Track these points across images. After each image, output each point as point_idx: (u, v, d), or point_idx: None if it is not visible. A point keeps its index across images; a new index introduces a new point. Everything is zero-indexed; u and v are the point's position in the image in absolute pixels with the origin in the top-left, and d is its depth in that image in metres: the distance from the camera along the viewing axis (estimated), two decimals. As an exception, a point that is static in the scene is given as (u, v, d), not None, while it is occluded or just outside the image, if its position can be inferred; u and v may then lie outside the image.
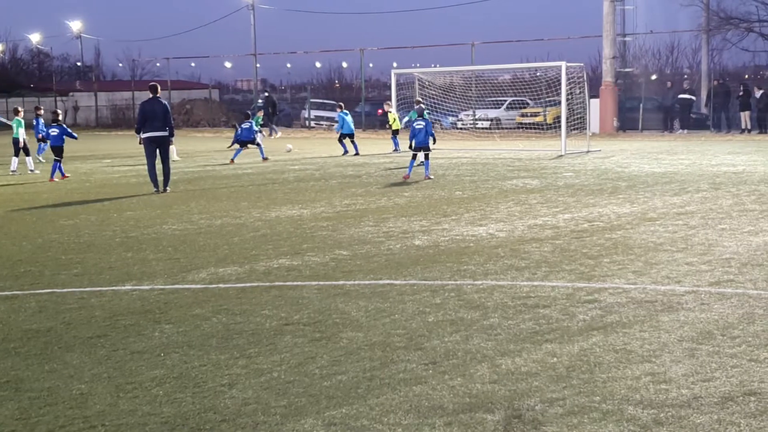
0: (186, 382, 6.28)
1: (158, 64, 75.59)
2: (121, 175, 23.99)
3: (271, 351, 7.01)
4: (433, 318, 7.93)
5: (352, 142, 30.85)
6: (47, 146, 26.10)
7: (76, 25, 75.29)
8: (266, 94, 50.26)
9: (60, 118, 24.04)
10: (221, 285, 9.54)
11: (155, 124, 19.28)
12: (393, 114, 32.24)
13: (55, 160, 22.95)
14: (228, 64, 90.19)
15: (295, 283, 9.58)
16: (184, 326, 7.81)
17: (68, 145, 23.82)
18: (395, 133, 32.00)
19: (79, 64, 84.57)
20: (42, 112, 28.55)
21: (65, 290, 9.37)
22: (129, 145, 34.04)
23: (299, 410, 5.69)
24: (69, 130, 23.90)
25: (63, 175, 22.96)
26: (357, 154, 30.15)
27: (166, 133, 19.43)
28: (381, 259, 10.86)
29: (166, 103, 20.15)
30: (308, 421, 5.50)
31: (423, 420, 5.46)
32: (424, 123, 21.55)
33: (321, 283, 9.55)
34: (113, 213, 15.75)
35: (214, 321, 7.98)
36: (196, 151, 34.69)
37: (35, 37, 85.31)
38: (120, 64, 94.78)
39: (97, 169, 25.99)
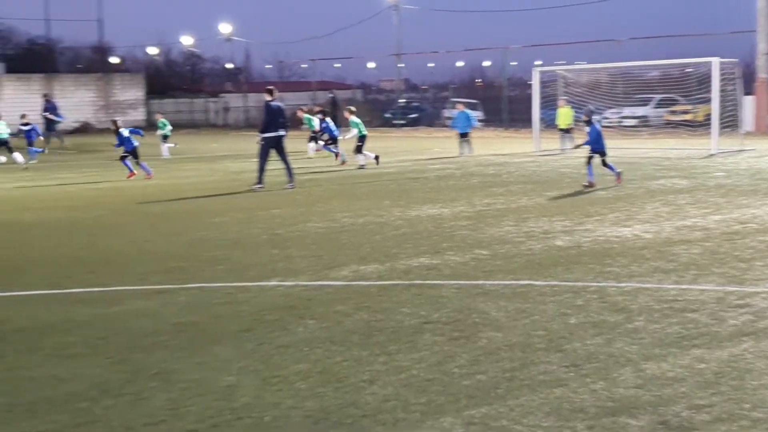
0: (328, 377, 6.38)
1: (304, 66, 77.06)
2: (267, 174, 24.52)
3: (411, 349, 7.05)
4: (575, 320, 7.82)
5: (466, 142, 30.25)
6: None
7: (226, 29, 77.46)
8: (331, 95, 50.63)
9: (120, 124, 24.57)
10: (363, 282, 9.65)
11: (277, 124, 20.31)
12: (566, 109, 30.73)
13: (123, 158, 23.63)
14: (371, 65, 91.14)
15: (434, 282, 9.60)
16: (327, 322, 7.94)
17: (222, 143, 24.53)
18: (566, 131, 30.46)
19: (229, 66, 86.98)
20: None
21: (214, 285, 9.67)
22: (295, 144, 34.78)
23: (438, 408, 5.70)
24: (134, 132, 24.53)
25: (132, 172, 23.57)
26: (462, 154, 29.57)
27: (285, 133, 20.51)
28: (521, 259, 10.77)
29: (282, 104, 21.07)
30: (447, 419, 5.51)
31: (564, 423, 5.39)
32: (590, 128, 19.66)
33: (460, 282, 9.54)
34: (259, 211, 16.14)
35: (356, 318, 8.08)
36: (340, 150, 35.12)
37: (188, 41, 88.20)
38: (268, 66, 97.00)
39: (246, 168, 26.65)
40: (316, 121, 28.43)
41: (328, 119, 28.90)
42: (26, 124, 30.14)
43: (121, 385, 6.30)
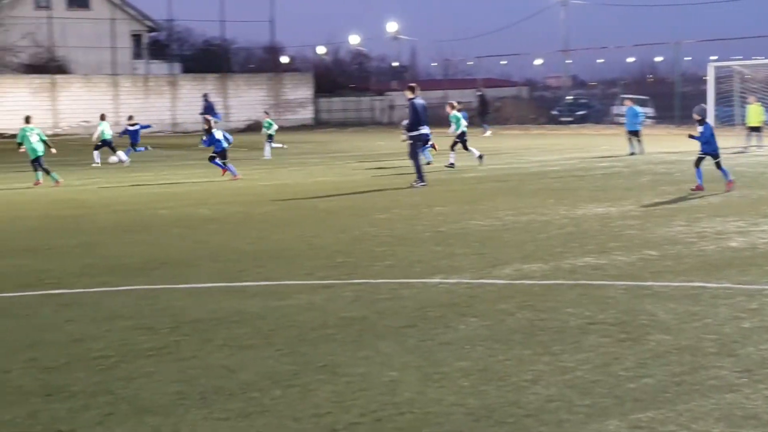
0: (490, 375, 6.38)
1: (470, 63, 76.99)
2: (431, 170, 24.67)
3: (576, 349, 6.96)
4: (749, 324, 7.53)
5: (636, 140, 29.32)
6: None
7: (393, 27, 78.28)
8: (479, 93, 49.83)
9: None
10: (526, 281, 9.58)
11: (424, 122, 20.63)
12: (755, 106, 29.36)
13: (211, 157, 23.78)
14: (538, 61, 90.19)
15: (600, 282, 9.44)
16: (489, 320, 7.93)
17: (387, 141, 24.78)
18: (756, 129, 29.22)
19: (395, 64, 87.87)
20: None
21: (378, 281, 9.80)
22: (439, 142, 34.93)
23: (603, 411, 5.61)
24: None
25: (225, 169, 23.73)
26: (632, 153, 28.67)
27: (429, 131, 20.90)
28: (692, 261, 10.45)
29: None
30: (612, 422, 5.42)
31: (735, 429, 5.21)
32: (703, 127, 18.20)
33: (628, 283, 9.34)
34: (423, 208, 16.24)
35: (519, 316, 8.04)
36: (505, 148, 35.01)
37: (355, 40, 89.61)
38: (433, 64, 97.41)
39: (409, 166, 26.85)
40: (463, 121, 27.48)
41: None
42: (133, 125, 31.17)
43: (290, 376, 6.48)
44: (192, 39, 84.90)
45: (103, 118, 30.09)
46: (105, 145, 29.25)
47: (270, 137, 31.95)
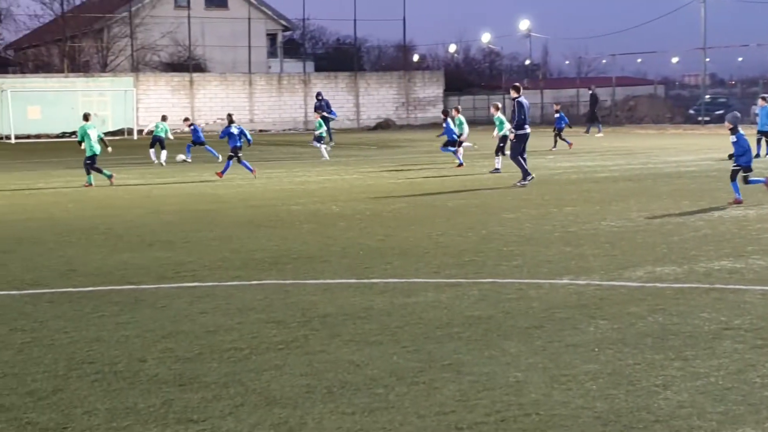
0: (619, 379, 6.27)
1: (604, 61, 75.71)
2: (562, 171, 24.38)
3: (709, 355, 6.77)
4: None
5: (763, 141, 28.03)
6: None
7: (524, 25, 77.59)
8: (591, 91, 48.40)
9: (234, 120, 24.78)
10: (658, 284, 9.37)
11: (527, 121, 20.57)
12: None
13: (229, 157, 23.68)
14: (675, 59, 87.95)
15: (737, 286, 9.15)
16: (619, 323, 7.79)
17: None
18: None
19: (527, 62, 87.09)
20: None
21: (505, 280, 9.75)
22: (578, 141, 34.51)
23: (737, 419, 5.44)
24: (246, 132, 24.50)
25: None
26: (757, 155, 27.28)
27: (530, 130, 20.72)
28: (836, 266, 10.02)
29: None
30: (746, 430, 5.25)
31: None
32: (737, 136, 16.56)
33: (765, 288, 9.02)
34: (552, 208, 16.06)
35: (650, 320, 7.87)
36: (639, 148, 34.29)
37: (486, 37, 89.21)
38: (567, 62, 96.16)
39: (540, 165, 26.62)
40: (507, 125, 26.05)
41: (449, 119, 27.91)
42: (191, 125, 31.36)
43: (415, 373, 6.51)
44: (325, 38, 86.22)
45: (164, 119, 30.56)
46: (156, 142, 29.75)
47: (320, 139, 31.22)
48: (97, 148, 22.14)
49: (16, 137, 47.63)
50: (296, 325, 7.94)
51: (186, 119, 32.35)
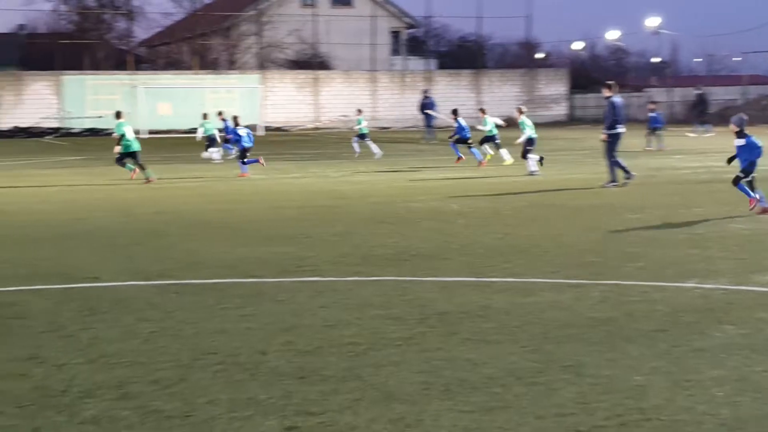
0: (747, 386, 6.07)
1: (736, 59, 73.44)
2: (691, 171, 23.77)
3: (843, 365, 6.48)
4: None
5: None
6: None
7: (653, 22, 75.85)
8: (699, 91, 46.37)
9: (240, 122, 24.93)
10: (790, 289, 9.03)
11: (623, 120, 20.05)
12: None
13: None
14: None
15: None
16: (747, 328, 7.54)
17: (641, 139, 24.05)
18: None
19: (655, 60, 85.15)
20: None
21: (628, 282, 9.54)
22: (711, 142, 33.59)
23: None
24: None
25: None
26: None
27: (624, 130, 20.10)
28: None
29: None
30: None
31: None
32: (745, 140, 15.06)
33: None
34: (681, 209, 15.67)
35: (780, 326, 7.59)
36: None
37: (613, 35, 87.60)
38: (696, 59, 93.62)
39: (667, 165, 26.01)
40: (529, 125, 24.53)
41: (460, 119, 27.05)
42: (224, 120, 31.16)
43: (533, 374, 6.44)
44: (448, 35, 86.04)
45: (209, 116, 30.52)
46: (211, 142, 30.01)
47: (362, 136, 30.65)
48: (137, 145, 22.35)
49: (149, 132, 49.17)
50: (414, 322, 7.95)
51: (220, 113, 32.03)
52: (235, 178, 23.01)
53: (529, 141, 23.55)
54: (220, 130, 30.65)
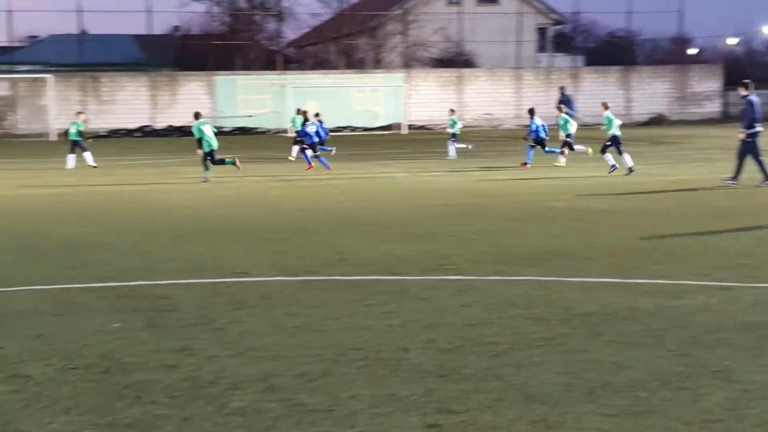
0: None
1: None
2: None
3: None
4: None
5: None
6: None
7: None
8: None
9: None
10: None
11: (760, 119, 19.28)
12: None
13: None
14: None
15: None
16: None
17: None
18: None
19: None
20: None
21: (783, 286, 9.19)
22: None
23: None
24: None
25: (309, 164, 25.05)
26: None
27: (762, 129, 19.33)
28: None
29: None
30: None
31: None
32: None
33: None
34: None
35: None
36: None
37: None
38: None
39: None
40: (614, 123, 22.83)
41: (536, 118, 25.61)
42: (320, 121, 30.49)
43: (680, 378, 6.28)
44: (596, 31, 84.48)
45: (301, 113, 29.95)
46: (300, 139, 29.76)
47: (454, 136, 29.83)
48: (215, 144, 22.47)
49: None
50: (556, 323, 7.87)
51: (317, 115, 30.01)
52: (380, 176, 23.21)
53: (613, 138, 22.86)
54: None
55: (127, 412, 5.82)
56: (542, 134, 25.91)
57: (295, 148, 29.28)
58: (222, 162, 22.78)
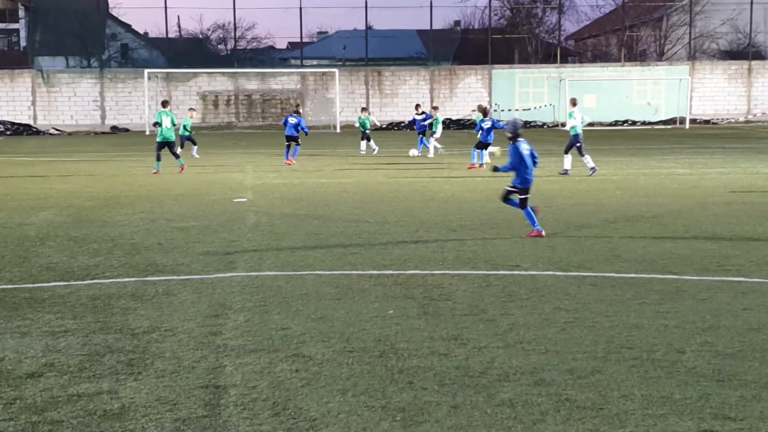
0: None
1: None
2: None
3: None
4: None
5: None
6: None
7: None
8: None
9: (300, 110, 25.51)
10: None
11: None
12: None
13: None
14: None
15: None
16: None
17: None
18: None
19: None
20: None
21: None
22: None
23: None
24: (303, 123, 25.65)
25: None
26: None
27: None
28: None
29: None
30: None
31: None
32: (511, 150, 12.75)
33: None
34: None
35: None
36: None
37: None
38: None
39: None
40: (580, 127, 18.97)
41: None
42: (420, 113, 29.71)
43: None
44: None
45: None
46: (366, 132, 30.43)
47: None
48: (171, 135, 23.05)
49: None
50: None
51: (417, 107, 31.47)
52: (659, 172, 22.45)
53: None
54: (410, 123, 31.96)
55: (400, 396, 6.01)
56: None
57: (363, 143, 30.79)
58: (176, 156, 23.82)
